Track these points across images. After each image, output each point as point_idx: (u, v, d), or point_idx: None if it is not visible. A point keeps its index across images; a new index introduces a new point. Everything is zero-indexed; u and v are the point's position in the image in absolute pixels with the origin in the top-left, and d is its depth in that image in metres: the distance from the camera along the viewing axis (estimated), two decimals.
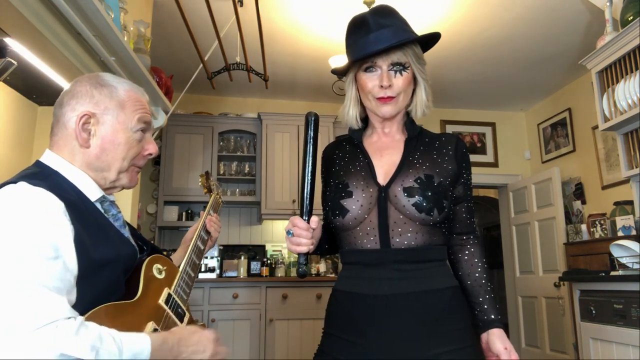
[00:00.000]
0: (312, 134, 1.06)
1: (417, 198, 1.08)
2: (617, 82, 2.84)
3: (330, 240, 1.26)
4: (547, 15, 3.51)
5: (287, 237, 1.06)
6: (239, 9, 2.74)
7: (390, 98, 1.16)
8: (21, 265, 0.76)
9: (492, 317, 1.15)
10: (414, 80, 1.20)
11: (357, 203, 1.10)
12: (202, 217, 1.41)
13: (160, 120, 2.78)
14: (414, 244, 1.09)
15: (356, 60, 1.17)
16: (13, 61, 1.73)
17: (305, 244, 1.04)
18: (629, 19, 2.69)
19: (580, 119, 4.58)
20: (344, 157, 1.24)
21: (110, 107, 1.00)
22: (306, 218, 1.05)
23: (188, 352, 0.91)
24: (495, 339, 1.12)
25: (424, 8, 3.39)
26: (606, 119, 2.95)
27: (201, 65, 2.99)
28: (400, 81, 1.16)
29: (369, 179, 1.14)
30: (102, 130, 0.99)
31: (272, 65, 4.14)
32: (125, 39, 2.14)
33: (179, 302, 1.07)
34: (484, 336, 1.15)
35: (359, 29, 1.18)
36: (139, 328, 0.91)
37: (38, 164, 0.98)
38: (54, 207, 0.84)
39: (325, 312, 1.20)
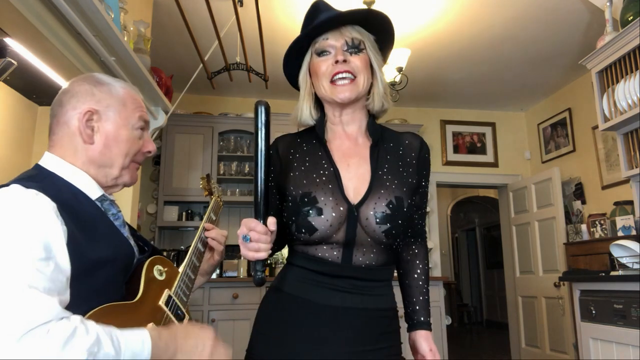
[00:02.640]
0: (262, 127, 0.96)
1: (388, 225, 1.04)
2: (617, 82, 2.84)
3: (278, 240, 1.14)
4: (547, 15, 3.51)
5: (242, 242, 0.93)
6: (239, 9, 2.74)
7: (349, 80, 1.08)
8: (10, 267, 0.75)
9: (422, 319, 1.17)
10: (371, 70, 1.14)
11: (326, 223, 1.03)
12: (204, 220, 1.41)
13: (160, 120, 2.78)
14: (373, 264, 1.07)
15: (307, 36, 1.13)
16: (13, 61, 1.73)
17: (265, 249, 0.93)
18: (629, 19, 2.69)
19: (580, 119, 4.59)
20: (304, 160, 1.13)
21: (111, 104, 1.02)
22: (262, 220, 0.94)
23: (187, 348, 0.90)
24: (422, 340, 1.15)
25: (424, 7, 3.39)
26: (606, 119, 2.95)
27: (201, 65, 2.98)
28: (357, 59, 1.09)
29: (338, 194, 1.05)
30: (106, 127, 1.01)
31: (272, 65, 4.14)
32: (125, 39, 2.14)
33: (178, 304, 1.06)
34: (411, 335, 1.18)
35: (310, 16, 1.17)
36: None
37: (36, 167, 0.99)
38: (44, 207, 0.84)
39: (258, 311, 1.14)
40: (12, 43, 1.66)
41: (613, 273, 2.63)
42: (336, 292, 1.05)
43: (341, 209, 1.04)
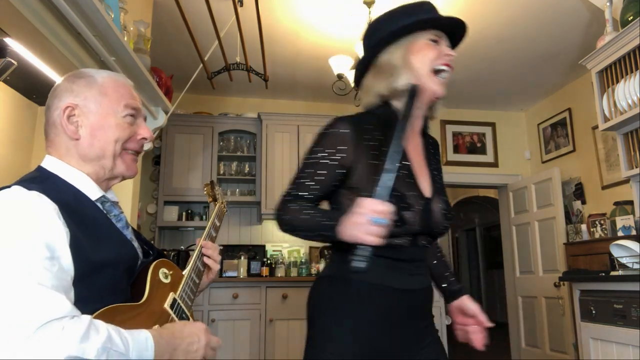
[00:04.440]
0: (411, 110, 1.07)
1: (449, 220, 1.17)
2: (617, 82, 2.84)
3: None
4: (547, 15, 3.51)
5: (370, 224, 0.93)
6: (239, 9, 2.74)
7: (446, 77, 1.20)
8: (18, 266, 0.76)
9: (459, 286, 1.33)
10: None
11: (413, 216, 1.08)
12: (207, 227, 1.38)
13: (160, 120, 2.78)
14: (428, 245, 1.19)
15: (438, 25, 1.20)
16: (13, 61, 1.73)
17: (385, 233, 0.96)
18: (629, 19, 2.69)
19: (580, 119, 4.58)
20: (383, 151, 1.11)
21: (90, 96, 1.01)
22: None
23: (184, 345, 0.91)
24: (469, 302, 1.29)
25: None
26: (606, 119, 2.95)
27: (201, 65, 2.98)
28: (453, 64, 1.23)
29: (417, 189, 1.14)
30: (89, 118, 1.00)
31: (272, 65, 4.14)
32: (125, 39, 2.14)
33: (183, 307, 1.06)
34: (455, 303, 1.31)
35: (421, 6, 1.24)
36: None
37: (38, 168, 0.99)
38: (46, 209, 0.84)
39: (336, 303, 1.12)
40: (12, 43, 1.66)
41: (613, 273, 2.63)
42: (412, 275, 1.14)
43: (421, 202, 1.12)
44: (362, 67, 1.25)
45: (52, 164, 0.99)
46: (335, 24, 3.61)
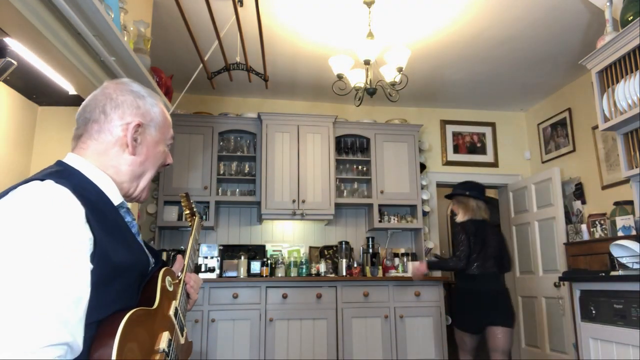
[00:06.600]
0: None
1: None
2: (617, 82, 2.84)
3: None
4: (547, 15, 3.51)
5: None
6: (239, 9, 2.74)
7: None
8: (34, 274, 0.74)
9: None
10: None
11: None
12: (190, 244, 1.34)
13: None
14: None
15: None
16: (13, 61, 1.74)
17: None
18: (629, 19, 2.69)
19: (580, 119, 4.58)
20: None
21: (154, 119, 1.08)
22: None
23: None
24: None
25: (426, 10, 3.39)
26: (606, 119, 2.95)
27: (201, 65, 2.99)
28: None
29: None
30: (147, 140, 1.06)
31: (272, 65, 4.14)
32: (125, 39, 2.14)
33: (181, 316, 1.09)
34: None
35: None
36: (157, 336, 0.92)
37: (60, 163, 0.97)
38: (75, 214, 0.81)
39: None
40: (12, 43, 1.66)
41: (613, 273, 2.63)
42: None
43: None
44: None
45: (76, 161, 0.97)
46: (335, 24, 3.61)
